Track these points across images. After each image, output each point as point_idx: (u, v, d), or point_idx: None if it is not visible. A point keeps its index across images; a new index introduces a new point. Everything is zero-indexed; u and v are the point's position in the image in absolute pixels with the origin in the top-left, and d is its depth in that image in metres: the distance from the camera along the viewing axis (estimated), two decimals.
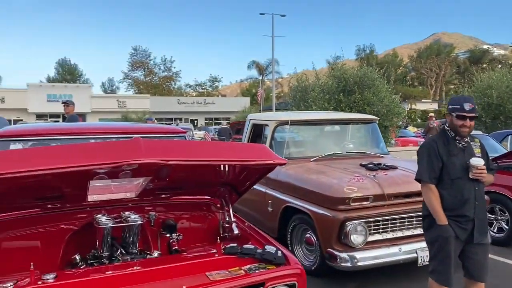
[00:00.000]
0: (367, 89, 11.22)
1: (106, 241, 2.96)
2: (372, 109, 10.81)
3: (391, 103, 11.47)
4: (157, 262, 2.67)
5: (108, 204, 3.33)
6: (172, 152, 2.37)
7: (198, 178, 3.25)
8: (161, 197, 3.50)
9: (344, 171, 4.83)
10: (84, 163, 2.15)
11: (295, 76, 21.50)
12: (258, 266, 2.67)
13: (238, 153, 2.57)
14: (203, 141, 2.77)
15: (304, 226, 4.85)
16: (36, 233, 3.12)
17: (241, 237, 3.31)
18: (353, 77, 11.55)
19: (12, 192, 2.73)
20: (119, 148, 2.27)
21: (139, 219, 3.00)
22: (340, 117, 6.30)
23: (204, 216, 3.67)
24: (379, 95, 11.25)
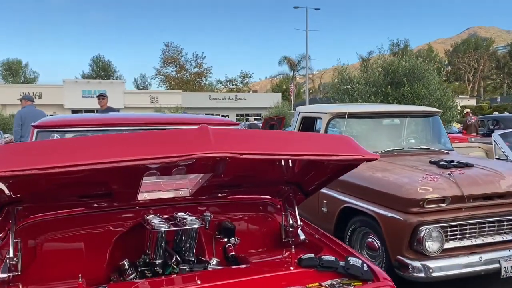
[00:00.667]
0: (417, 81, 10.52)
1: (160, 246, 2.59)
2: (423, 103, 10.08)
3: (443, 96, 10.73)
4: (221, 275, 2.27)
5: (157, 203, 2.96)
6: (245, 143, 1.96)
7: (261, 175, 2.83)
8: (217, 196, 3.10)
9: (412, 169, 4.31)
10: (143, 155, 1.76)
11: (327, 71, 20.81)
12: (341, 282, 2.23)
13: (321, 146, 2.12)
14: (276, 131, 2.33)
15: (366, 230, 4.37)
16: (81, 235, 2.78)
17: (309, 244, 2.87)
18: (401, 68, 10.86)
19: (55, 189, 2.39)
20: (185, 138, 1.87)
21: (197, 221, 2.61)
22: (400, 110, 5.76)
23: (263, 218, 3.26)
24: (429, 88, 10.53)
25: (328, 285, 2.20)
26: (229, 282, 2.11)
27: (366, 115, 5.39)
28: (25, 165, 1.66)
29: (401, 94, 10.60)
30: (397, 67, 10.97)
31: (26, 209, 2.52)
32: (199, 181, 2.79)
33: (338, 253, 2.59)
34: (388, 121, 5.55)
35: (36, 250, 2.64)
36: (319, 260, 2.30)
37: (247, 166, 2.57)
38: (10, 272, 2.29)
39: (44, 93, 41.34)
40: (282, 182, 2.96)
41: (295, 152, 2.02)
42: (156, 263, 2.57)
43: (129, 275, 2.60)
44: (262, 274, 2.22)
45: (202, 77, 59.32)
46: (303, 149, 2.06)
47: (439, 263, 3.70)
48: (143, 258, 2.73)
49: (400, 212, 3.81)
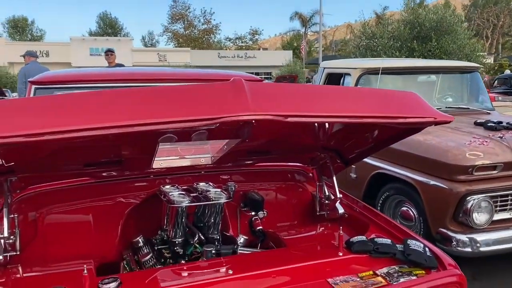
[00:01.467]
0: (445, 35, 9.77)
1: (180, 222, 2.21)
2: (451, 59, 9.39)
3: (472, 52, 10.01)
4: (256, 262, 1.89)
5: (174, 171, 2.57)
6: (290, 102, 1.52)
7: (296, 139, 2.41)
8: (242, 163, 2.70)
9: (456, 131, 3.85)
10: (165, 118, 1.34)
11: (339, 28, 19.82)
12: (400, 270, 1.85)
13: (384, 105, 1.68)
14: (324, 86, 1.87)
15: (400, 198, 3.98)
16: (88, 207, 2.42)
17: (349, 219, 2.49)
18: (429, 21, 10.06)
19: (55, 156, 2.00)
20: (215, 95, 1.43)
21: (223, 195, 2.21)
22: (438, 65, 5.22)
23: (294, 189, 2.86)
24: (458, 43, 9.81)
25: (384, 274, 1.82)
26: (267, 272, 1.73)
27: (402, 70, 4.86)
28: (7, 131, 1.25)
29: (428, 50, 9.89)
30: (424, 20, 10.16)
31: (22, 180, 2.14)
32: (223, 147, 2.38)
33: (387, 231, 2.21)
34: (424, 77, 5.03)
35: (36, 226, 2.29)
36: (373, 244, 1.91)
37: (283, 130, 2.14)
38: (7, 252, 1.94)
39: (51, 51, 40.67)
40: (319, 148, 2.54)
41: (352, 113, 1.58)
42: (176, 242, 2.20)
43: (144, 254, 2.26)
44: (305, 260, 1.83)
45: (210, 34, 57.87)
46: (362, 110, 1.62)
47: (487, 236, 3.33)
48: (160, 235, 2.37)
49: (445, 180, 3.39)
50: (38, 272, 2.07)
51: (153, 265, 2.16)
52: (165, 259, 2.22)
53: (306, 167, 2.86)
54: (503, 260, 3.82)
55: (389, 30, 10.94)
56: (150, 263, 2.17)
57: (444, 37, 9.74)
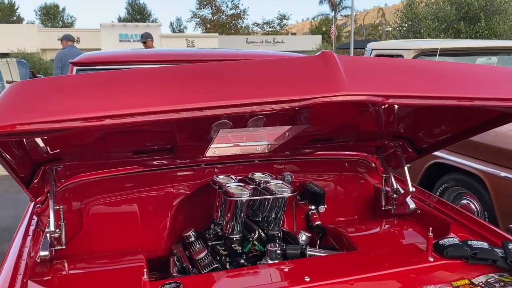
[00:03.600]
0: (495, 15, 9.15)
1: (238, 216, 2.00)
2: None
3: None
4: (331, 266, 1.65)
5: (226, 160, 2.36)
6: (390, 80, 1.25)
7: (366, 125, 2.14)
8: (299, 152, 2.46)
9: None
10: (242, 99, 1.10)
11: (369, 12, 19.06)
12: (502, 280, 1.58)
13: (493, 85, 1.39)
14: (431, 61, 1.59)
15: (461, 190, 3.67)
16: (136, 198, 2.25)
17: (421, 216, 2.22)
18: (478, 0, 9.43)
19: (103, 143, 1.81)
20: (301, 70, 1.19)
21: (287, 188, 1.98)
22: (500, 45, 4.81)
23: (356, 180, 2.61)
24: (509, 23, 9.17)
25: (482, 284, 1.56)
26: (348, 280, 1.49)
27: (461, 51, 4.47)
28: (60, 114, 1.04)
29: (476, 31, 9.29)
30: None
31: (68, 168, 1.96)
32: (284, 134, 2.14)
33: (475, 232, 1.93)
34: (483, 59, 4.63)
35: (82, 218, 2.13)
36: (470, 248, 1.64)
37: (352, 113, 1.88)
38: (52, 246, 1.77)
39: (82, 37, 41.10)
40: (389, 135, 2.26)
41: (463, 94, 1.30)
42: (234, 239, 1.99)
43: (199, 251, 2.05)
44: (390, 267, 1.59)
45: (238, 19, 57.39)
46: (471, 90, 1.34)
47: None
48: (214, 229, 2.17)
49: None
50: (86, 269, 1.90)
51: (209, 264, 1.95)
52: (221, 256, 2.01)
53: (369, 156, 2.59)
54: None
55: (433, 10, 10.33)
56: (205, 261, 1.97)
57: (494, 17, 9.11)
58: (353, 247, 2.01)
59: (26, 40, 34.29)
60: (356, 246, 1.98)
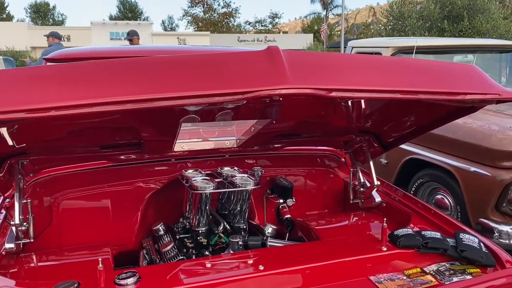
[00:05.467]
0: (478, 14, 9.26)
1: (203, 209, 2.04)
2: None
3: (507, 32, 9.49)
4: (288, 257, 1.70)
5: (196, 155, 2.39)
6: (332, 74, 1.30)
7: (331, 120, 2.20)
8: (269, 147, 2.50)
9: (499, 114, 3.57)
10: (187, 91, 1.14)
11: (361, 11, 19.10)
12: (452, 268, 1.64)
13: (443, 79, 1.45)
14: (373, 56, 1.64)
15: (435, 185, 3.73)
16: (106, 192, 2.27)
17: (386, 209, 2.28)
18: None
19: (69, 136, 1.84)
20: (247, 65, 1.23)
21: (251, 181, 2.03)
22: (476, 43, 4.89)
23: (325, 175, 2.66)
24: (492, 23, 9.28)
25: (433, 272, 1.61)
26: (302, 268, 1.54)
27: (438, 49, 4.54)
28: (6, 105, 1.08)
29: (459, 30, 9.40)
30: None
31: (35, 162, 1.99)
32: (250, 128, 2.18)
33: (433, 223, 1.99)
34: (459, 57, 4.71)
35: (52, 212, 2.15)
36: (422, 238, 1.69)
37: (319, 109, 1.93)
38: (19, 239, 1.80)
39: (72, 35, 40.85)
40: (355, 130, 2.32)
41: (406, 88, 1.35)
42: (199, 231, 2.03)
43: (165, 244, 2.09)
44: (344, 256, 1.63)
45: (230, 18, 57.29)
46: (417, 84, 1.39)
47: None
48: (182, 223, 2.21)
49: (487, 167, 3.13)
50: (52, 261, 1.93)
51: (175, 256, 2.00)
52: (188, 249, 2.06)
53: (338, 151, 2.65)
54: None
55: (418, 9, 10.43)
56: (171, 254, 2.01)
57: (477, 16, 9.23)
58: (318, 239, 2.06)
59: (16, 38, 33.97)
60: (321, 238, 2.03)
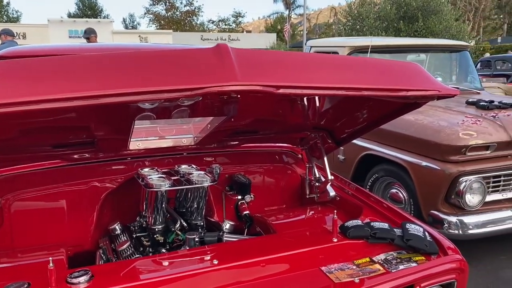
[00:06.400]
0: (432, 15, 9.63)
1: (160, 207, 2.04)
2: None
3: (459, 32, 9.93)
4: (243, 250, 1.73)
5: (154, 153, 2.39)
6: (282, 71, 1.34)
7: (285, 117, 2.25)
8: (226, 144, 2.53)
9: (448, 110, 3.74)
10: (135, 88, 1.15)
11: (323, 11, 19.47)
12: (399, 257, 1.72)
13: (385, 76, 1.52)
14: (320, 55, 1.69)
15: (390, 180, 3.87)
16: (60, 192, 2.23)
17: (340, 203, 2.35)
18: (416, 1, 9.90)
19: (18, 135, 1.80)
20: (196, 62, 1.25)
21: (207, 178, 2.04)
22: (428, 43, 5.09)
23: (282, 171, 2.71)
24: (444, 24, 9.69)
25: (382, 261, 1.69)
26: (255, 261, 1.58)
27: (391, 48, 4.71)
28: None
29: (414, 30, 9.76)
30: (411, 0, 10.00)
31: None
32: (206, 126, 2.20)
33: (382, 214, 2.08)
34: (413, 56, 4.90)
35: (3, 214, 2.09)
36: (370, 229, 1.77)
37: (272, 106, 1.98)
38: None
39: (28, 33, 39.32)
40: (309, 127, 2.38)
41: (350, 85, 1.41)
42: (156, 229, 2.03)
43: (122, 243, 2.08)
44: (297, 248, 1.68)
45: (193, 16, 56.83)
46: (361, 81, 1.45)
47: (479, 218, 3.24)
48: (139, 222, 2.20)
49: (437, 161, 3.28)
50: (3, 263, 1.88)
51: (131, 255, 1.99)
52: (144, 248, 2.05)
53: (295, 148, 2.71)
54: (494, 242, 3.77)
55: (375, 10, 10.76)
56: (127, 252, 2.00)
57: (430, 17, 9.63)
58: (275, 233, 2.10)
59: None
60: (278, 232, 2.07)
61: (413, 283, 1.61)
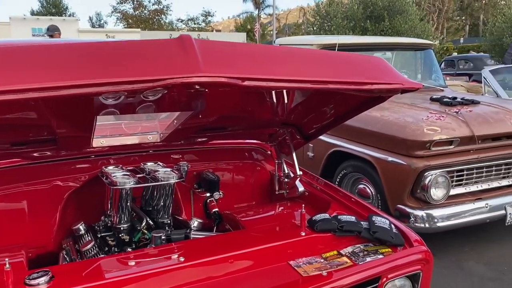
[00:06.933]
0: (397, 15, 9.86)
1: (125, 206, 1.99)
2: None
3: (423, 32, 10.20)
4: (210, 247, 1.70)
5: (119, 151, 2.33)
6: (246, 64, 1.32)
7: (252, 113, 2.24)
8: (194, 141, 2.49)
9: (413, 107, 3.82)
10: (93, 79, 1.11)
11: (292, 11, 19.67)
12: (366, 249, 1.74)
13: (351, 70, 1.52)
14: (286, 47, 1.69)
15: (358, 175, 3.92)
16: (20, 192, 2.14)
17: (309, 198, 2.36)
18: (382, 0, 10.11)
19: None
20: (158, 53, 1.21)
21: (174, 174, 2.00)
22: (393, 41, 5.18)
23: (251, 168, 2.70)
24: (409, 23, 9.93)
25: (349, 254, 1.70)
26: (222, 257, 1.56)
27: (358, 47, 4.77)
28: None
29: (381, 30, 9.97)
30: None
31: None
32: (173, 122, 2.16)
33: (350, 208, 2.09)
34: (379, 54, 4.98)
35: None
36: (338, 222, 1.78)
37: (239, 100, 1.96)
38: None
39: None
40: (277, 123, 2.37)
41: (316, 78, 1.41)
42: (121, 228, 1.98)
43: (86, 243, 2.02)
44: (264, 243, 1.67)
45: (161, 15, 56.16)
46: (327, 74, 1.45)
47: (444, 212, 3.33)
48: (104, 221, 2.14)
49: (403, 156, 3.34)
50: None
51: (96, 255, 1.93)
52: (110, 247, 1.99)
53: (264, 144, 2.69)
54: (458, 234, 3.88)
55: (343, 10, 10.93)
56: (91, 253, 1.94)
57: (396, 17, 9.87)
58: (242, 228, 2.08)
59: None
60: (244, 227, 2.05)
61: (380, 274, 1.62)
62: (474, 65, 14.15)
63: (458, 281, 3.25)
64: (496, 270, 3.41)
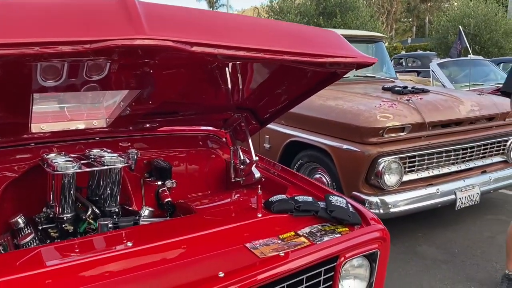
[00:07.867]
0: (349, 11, 10.07)
1: (68, 195, 1.84)
2: None
3: (374, 28, 10.46)
4: (159, 232, 1.60)
5: (62, 137, 2.17)
6: (195, 29, 1.23)
7: (204, 96, 2.14)
8: (144, 127, 2.36)
9: (366, 96, 3.86)
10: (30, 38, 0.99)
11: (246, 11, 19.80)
12: (323, 229, 1.70)
13: (306, 42, 1.47)
14: (239, 15, 1.61)
15: (314, 165, 3.92)
16: None
17: (266, 183, 2.30)
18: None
19: None
20: (95, 13, 1.10)
21: (120, 159, 1.88)
22: (346, 33, 5.22)
23: (206, 155, 2.61)
24: (361, 20, 10.17)
25: (306, 234, 1.65)
26: (174, 241, 1.46)
27: None
28: None
29: (333, 26, 10.15)
30: None
31: None
32: (119, 104, 2.03)
33: (307, 191, 2.05)
34: None
35: None
36: (294, 202, 1.72)
37: (189, 79, 1.86)
38: None
39: None
40: (232, 107, 2.30)
41: (270, 47, 1.34)
42: (64, 218, 1.83)
43: (25, 236, 1.85)
44: (219, 225, 1.59)
45: None
46: (281, 44, 1.39)
47: (397, 198, 3.37)
48: (45, 213, 1.98)
49: (357, 143, 3.36)
50: None
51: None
52: (52, 239, 1.84)
53: (219, 131, 2.61)
54: (410, 220, 3.97)
55: (296, 6, 11.03)
56: (31, 246, 1.78)
57: (348, 13, 10.08)
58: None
59: None
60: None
61: (338, 254, 1.58)
62: (422, 62, 14.72)
63: (413, 265, 3.31)
64: (448, 253, 3.50)
